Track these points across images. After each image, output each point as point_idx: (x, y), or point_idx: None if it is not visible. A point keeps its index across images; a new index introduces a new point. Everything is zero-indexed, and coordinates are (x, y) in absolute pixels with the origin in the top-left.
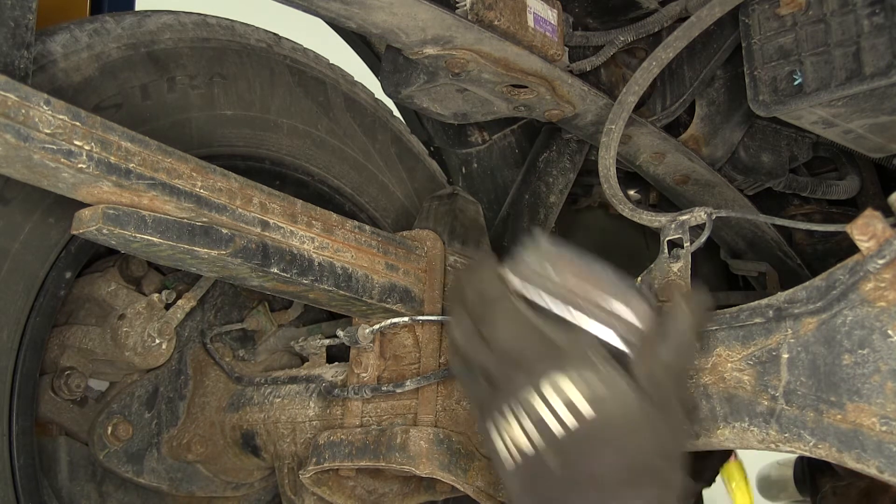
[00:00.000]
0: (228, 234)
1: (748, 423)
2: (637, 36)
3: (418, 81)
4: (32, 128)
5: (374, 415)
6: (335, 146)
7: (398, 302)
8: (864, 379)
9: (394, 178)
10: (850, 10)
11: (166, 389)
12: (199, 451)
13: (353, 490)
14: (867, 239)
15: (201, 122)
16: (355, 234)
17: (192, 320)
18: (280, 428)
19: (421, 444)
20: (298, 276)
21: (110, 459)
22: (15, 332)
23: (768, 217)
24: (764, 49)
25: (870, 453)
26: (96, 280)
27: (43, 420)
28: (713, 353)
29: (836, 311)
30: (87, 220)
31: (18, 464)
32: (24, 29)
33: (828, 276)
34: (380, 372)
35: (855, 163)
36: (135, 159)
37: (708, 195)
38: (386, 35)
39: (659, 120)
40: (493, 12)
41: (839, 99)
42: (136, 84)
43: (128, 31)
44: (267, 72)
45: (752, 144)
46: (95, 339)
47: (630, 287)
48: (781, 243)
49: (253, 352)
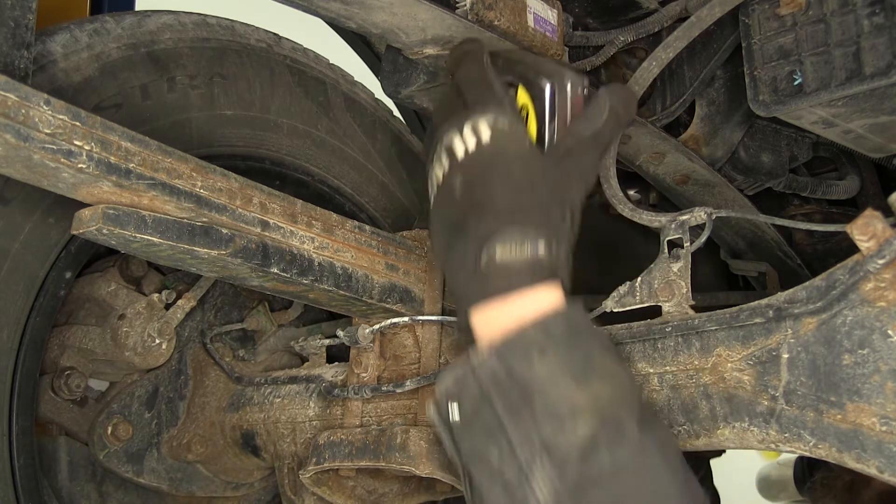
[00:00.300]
0: (228, 234)
1: (748, 423)
2: (637, 36)
3: (418, 81)
4: (32, 128)
5: (374, 415)
6: (335, 146)
7: (398, 302)
8: (864, 379)
9: (394, 178)
10: (850, 10)
11: (166, 389)
12: (199, 451)
13: (353, 490)
14: (867, 239)
15: (201, 122)
16: (355, 234)
17: (192, 320)
18: (280, 428)
19: (421, 444)
20: (298, 276)
21: (110, 459)
22: (15, 332)
23: (768, 217)
24: (764, 49)
25: (870, 453)
26: (96, 280)
27: (43, 420)
28: (713, 353)
29: (836, 311)
30: (87, 220)
31: (18, 464)
32: (24, 29)
33: (828, 276)
34: (380, 372)
35: (855, 163)
36: (135, 159)
37: (708, 195)
38: (386, 35)
39: (659, 120)
40: (493, 12)
41: (839, 99)
42: (136, 84)
43: (128, 31)
44: (267, 72)
45: (752, 144)
46: (95, 339)
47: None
48: (781, 243)
49: (253, 352)
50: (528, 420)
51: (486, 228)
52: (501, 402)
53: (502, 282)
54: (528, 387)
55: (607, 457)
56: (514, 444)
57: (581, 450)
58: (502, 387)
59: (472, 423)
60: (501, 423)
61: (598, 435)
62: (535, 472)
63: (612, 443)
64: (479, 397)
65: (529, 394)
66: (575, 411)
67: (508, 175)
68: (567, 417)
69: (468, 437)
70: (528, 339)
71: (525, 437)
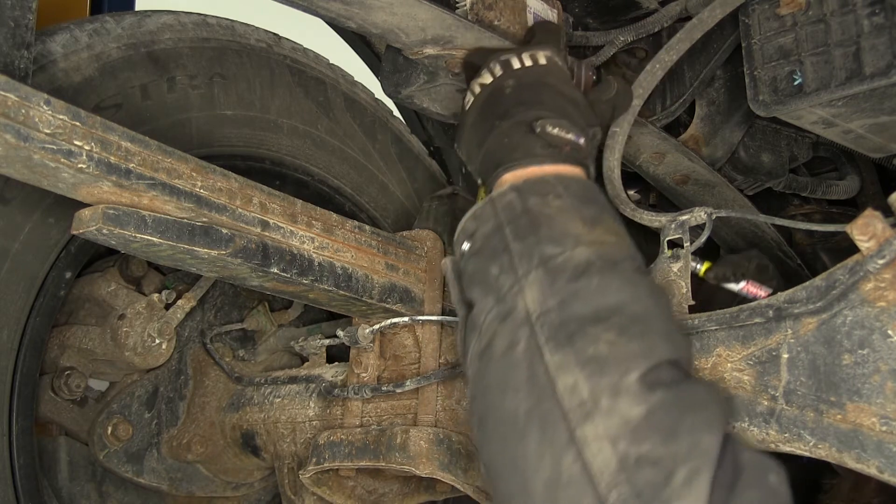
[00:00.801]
0: (228, 234)
1: (748, 423)
2: (637, 36)
3: (418, 81)
4: (32, 128)
5: (374, 415)
6: (335, 146)
7: (398, 302)
8: (864, 379)
9: (394, 178)
10: (850, 10)
11: (166, 389)
12: (199, 451)
13: (353, 490)
14: (867, 239)
15: (201, 122)
16: (355, 234)
17: (192, 320)
18: (280, 428)
19: (421, 444)
20: (298, 276)
21: (110, 459)
22: (15, 332)
23: (768, 217)
24: (764, 49)
25: (870, 453)
26: (96, 280)
27: (43, 420)
28: (713, 352)
29: (836, 311)
30: (87, 220)
31: (18, 464)
32: (24, 29)
33: (828, 276)
34: (380, 372)
35: (855, 163)
36: (135, 159)
37: (708, 195)
38: (386, 35)
39: (659, 120)
40: (493, 12)
41: (839, 99)
42: (136, 84)
43: (128, 31)
44: (267, 72)
45: (752, 144)
46: (95, 339)
47: None
48: (781, 243)
49: (253, 352)
50: (532, 242)
51: (536, 114)
52: (511, 228)
53: (545, 149)
54: (537, 218)
55: (597, 279)
56: (515, 259)
57: (574, 269)
58: (514, 214)
59: (480, 250)
60: (507, 245)
61: (593, 263)
62: (528, 280)
63: (605, 271)
64: (493, 228)
65: (538, 223)
66: (577, 241)
67: (557, 89)
68: (569, 245)
69: (474, 262)
70: (548, 184)
71: (526, 253)
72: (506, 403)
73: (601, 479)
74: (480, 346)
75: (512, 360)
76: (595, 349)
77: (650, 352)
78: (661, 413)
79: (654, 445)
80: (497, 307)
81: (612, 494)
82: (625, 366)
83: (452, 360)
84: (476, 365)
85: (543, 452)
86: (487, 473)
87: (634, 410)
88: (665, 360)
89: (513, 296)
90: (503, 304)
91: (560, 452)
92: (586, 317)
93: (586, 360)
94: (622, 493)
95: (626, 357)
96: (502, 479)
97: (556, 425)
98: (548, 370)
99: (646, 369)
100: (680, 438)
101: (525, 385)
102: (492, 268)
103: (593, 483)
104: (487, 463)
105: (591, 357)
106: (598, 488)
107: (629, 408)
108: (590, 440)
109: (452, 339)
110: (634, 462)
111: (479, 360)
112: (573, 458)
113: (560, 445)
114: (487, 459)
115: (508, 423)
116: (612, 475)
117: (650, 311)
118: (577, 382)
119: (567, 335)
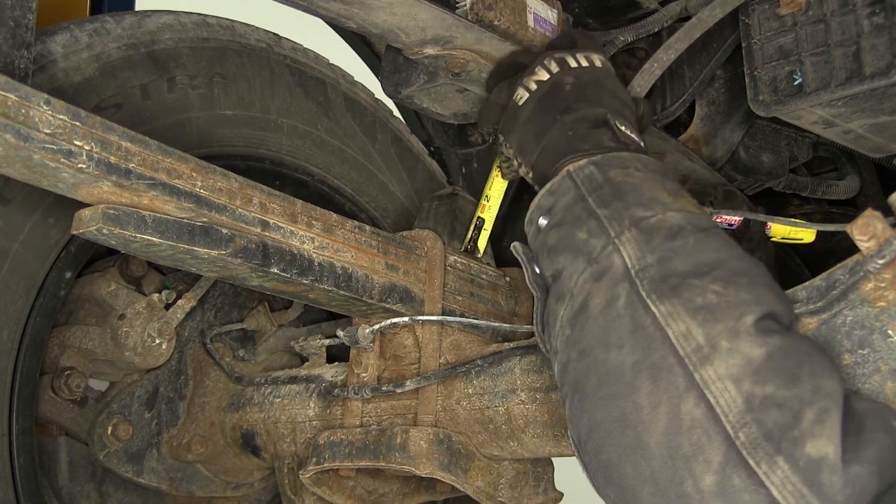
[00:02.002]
0: (228, 234)
1: None
2: (637, 36)
3: (418, 81)
4: (32, 128)
5: (374, 415)
6: (335, 146)
7: (398, 302)
8: (864, 379)
9: (394, 178)
10: (850, 10)
11: (166, 389)
12: (199, 451)
13: (353, 490)
14: (867, 239)
15: (201, 122)
16: (355, 234)
17: (192, 320)
18: (280, 428)
19: (421, 444)
20: (298, 276)
21: (110, 459)
22: (15, 332)
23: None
24: (764, 49)
25: None
26: (96, 280)
27: (43, 420)
28: None
29: (836, 311)
30: (87, 220)
31: (18, 464)
32: (24, 29)
33: (828, 276)
34: (380, 372)
35: (855, 163)
36: (135, 159)
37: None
38: (386, 35)
39: (659, 120)
40: (493, 12)
41: (839, 99)
42: (136, 84)
43: (128, 31)
44: (267, 72)
45: (752, 144)
46: (95, 339)
47: None
48: None
49: (253, 352)
50: (621, 206)
51: (602, 113)
52: (595, 196)
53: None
54: (621, 187)
55: (693, 239)
56: (604, 222)
57: (669, 230)
58: (596, 184)
59: (563, 221)
60: (593, 211)
61: (685, 227)
62: (622, 239)
63: (698, 231)
64: (574, 199)
65: (623, 191)
66: (667, 207)
67: (615, 92)
68: (658, 210)
69: (556, 233)
70: (626, 159)
71: (616, 216)
72: (609, 360)
73: (727, 418)
74: (574, 309)
75: (612, 314)
76: (704, 299)
77: (760, 300)
78: (780, 356)
79: (778, 387)
80: (590, 268)
81: (741, 434)
82: (739, 310)
83: (452, 360)
84: (567, 331)
85: (658, 402)
86: (589, 441)
87: (756, 351)
88: (774, 311)
89: (607, 255)
90: (597, 264)
91: (678, 398)
92: (688, 271)
93: (696, 308)
94: (750, 433)
95: (737, 304)
96: (611, 440)
97: (672, 371)
98: (656, 319)
99: (760, 315)
100: (802, 382)
101: (630, 338)
102: (579, 233)
103: (720, 423)
104: (589, 429)
105: (701, 306)
106: (726, 428)
107: (750, 348)
108: (712, 381)
109: (452, 339)
110: (760, 402)
111: (572, 325)
112: (694, 402)
113: (677, 391)
114: (588, 425)
115: (613, 380)
116: (738, 415)
117: (751, 267)
118: (689, 329)
119: (671, 287)
